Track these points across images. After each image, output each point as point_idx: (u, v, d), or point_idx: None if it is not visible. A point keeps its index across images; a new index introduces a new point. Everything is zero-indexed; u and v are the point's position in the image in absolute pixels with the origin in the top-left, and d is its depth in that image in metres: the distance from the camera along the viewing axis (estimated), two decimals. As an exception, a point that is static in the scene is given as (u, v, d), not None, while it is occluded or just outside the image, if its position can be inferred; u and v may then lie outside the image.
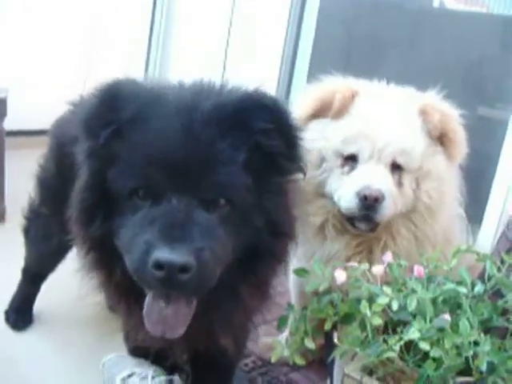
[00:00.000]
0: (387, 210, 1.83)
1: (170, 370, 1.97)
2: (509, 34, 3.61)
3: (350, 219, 1.90)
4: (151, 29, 4.91)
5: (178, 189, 1.30)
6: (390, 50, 4.01)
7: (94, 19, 4.48)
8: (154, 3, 4.86)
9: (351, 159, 1.91)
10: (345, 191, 1.87)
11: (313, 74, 2.12)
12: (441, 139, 1.96)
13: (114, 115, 1.36)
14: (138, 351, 1.98)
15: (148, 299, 1.38)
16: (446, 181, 1.96)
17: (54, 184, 2.07)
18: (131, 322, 1.61)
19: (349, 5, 4.33)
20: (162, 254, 1.21)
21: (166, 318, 1.36)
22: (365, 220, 1.87)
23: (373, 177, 1.85)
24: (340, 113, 1.95)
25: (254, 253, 1.43)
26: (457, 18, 3.98)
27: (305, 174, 1.55)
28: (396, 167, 1.89)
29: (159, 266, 1.21)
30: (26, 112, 3.42)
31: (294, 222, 1.52)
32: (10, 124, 3.20)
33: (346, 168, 1.92)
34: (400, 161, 1.88)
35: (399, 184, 1.89)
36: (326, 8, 4.27)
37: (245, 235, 1.39)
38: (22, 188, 2.24)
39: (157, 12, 4.85)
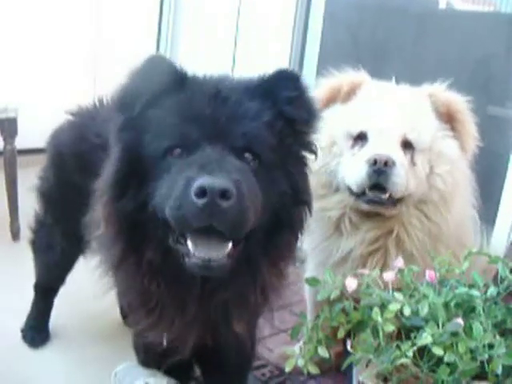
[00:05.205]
0: (399, 178, 1.82)
1: (184, 380, 1.97)
2: (517, 32, 3.58)
3: (362, 195, 1.89)
4: (159, 29, 4.88)
5: (210, 139, 1.40)
6: (397, 53, 4.00)
7: (99, 33, 4.53)
8: (161, 2, 4.84)
9: (361, 138, 1.93)
10: (355, 165, 1.88)
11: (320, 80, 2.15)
12: (451, 124, 1.97)
13: (148, 87, 1.47)
14: (150, 361, 1.96)
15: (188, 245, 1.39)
16: (458, 166, 1.95)
17: (54, 193, 2.15)
18: (163, 303, 1.58)
19: (354, 9, 4.32)
20: (205, 180, 1.28)
21: (209, 246, 1.38)
22: (376, 189, 1.86)
23: (382, 147, 1.86)
24: (348, 96, 2.02)
25: (276, 221, 1.50)
26: (464, 18, 3.95)
27: (316, 156, 1.62)
28: (407, 146, 1.90)
29: (202, 191, 1.26)
30: (36, 130, 3.45)
31: (311, 197, 1.60)
32: (21, 143, 3.25)
33: (356, 148, 1.93)
34: (410, 138, 1.89)
35: (412, 163, 1.90)
36: (332, 13, 4.26)
37: (272, 197, 1.47)
38: (35, 206, 2.27)
39: (164, 11, 4.84)
